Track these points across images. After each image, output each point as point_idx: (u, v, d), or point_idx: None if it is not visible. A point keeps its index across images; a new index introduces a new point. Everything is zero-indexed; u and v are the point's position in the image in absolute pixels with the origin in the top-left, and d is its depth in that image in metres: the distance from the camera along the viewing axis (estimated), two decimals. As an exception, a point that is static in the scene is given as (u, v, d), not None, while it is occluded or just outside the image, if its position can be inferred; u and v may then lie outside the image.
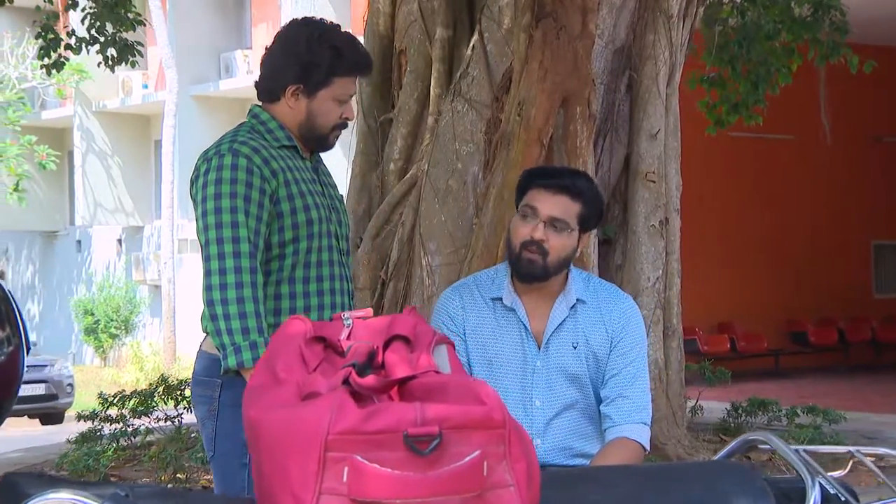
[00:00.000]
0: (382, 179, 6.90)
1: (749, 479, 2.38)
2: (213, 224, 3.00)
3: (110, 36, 9.73)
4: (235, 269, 2.99)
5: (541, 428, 3.29)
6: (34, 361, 16.58)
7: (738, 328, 15.63)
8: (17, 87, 21.51)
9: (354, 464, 1.73)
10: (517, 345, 3.29)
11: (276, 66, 3.18)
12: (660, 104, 6.49)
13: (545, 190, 3.20)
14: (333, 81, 3.15)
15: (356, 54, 3.20)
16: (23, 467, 7.22)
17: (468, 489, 1.76)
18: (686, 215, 14.13)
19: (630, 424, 3.26)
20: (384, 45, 7.12)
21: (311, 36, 3.14)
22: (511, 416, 1.83)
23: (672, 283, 6.44)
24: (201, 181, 3.06)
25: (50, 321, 23.72)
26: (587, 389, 3.32)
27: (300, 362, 1.98)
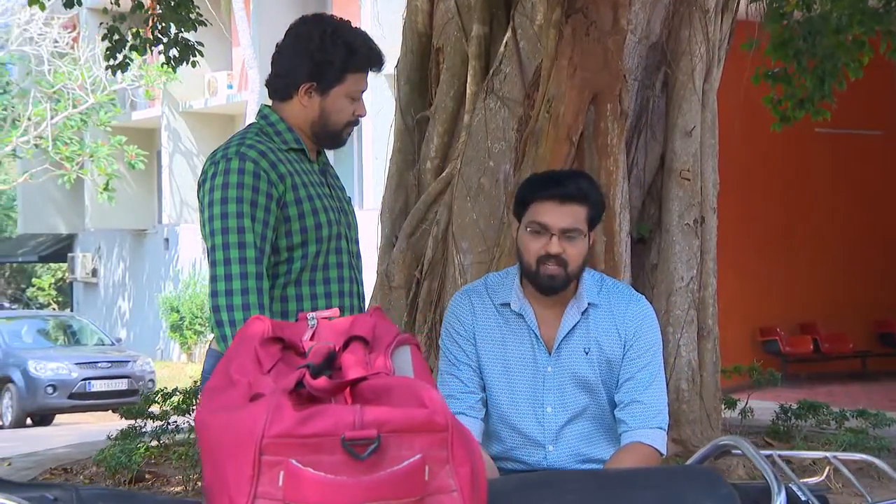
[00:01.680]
0: (419, 178, 6.89)
1: (714, 484, 2.33)
2: (220, 229, 2.99)
3: (172, 37, 9.88)
4: (241, 275, 2.99)
5: (553, 435, 3.24)
6: (117, 357, 16.98)
7: (821, 329, 15.23)
8: (108, 88, 21.98)
9: (290, 468, 1.70)
10: (527, 351, 3.24)
11: (289, 64, 3.16)
12: (696, 101, 6.36)
13: (551, 202, 3.13)
14: (346, 78, 3.14)
15: (369, 50, 3.19)
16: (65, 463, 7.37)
17: (408, 494, 1.73)
18: (767, 213, 14.01)
19: (645, 429, 3.21)
20: (422, 42, 7.10)
21: (323, 33, 3.12)
22: (456, 420, 1.79)
23: (707, 282, 6.30)
24: (208, 185, 3.05)
25: (139, 318, 24.20)
26: (600, 395, 3.26)
27: (255, 363, 1.97)
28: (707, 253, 6.32)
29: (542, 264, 3.14)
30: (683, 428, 6.03)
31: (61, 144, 21.83)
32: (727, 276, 13.88)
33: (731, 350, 13.32)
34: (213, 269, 3.02)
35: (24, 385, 15.99)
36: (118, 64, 10.00)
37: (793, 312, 14.93)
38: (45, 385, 15.97)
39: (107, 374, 16.10)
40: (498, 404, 3.27)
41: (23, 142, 22.00)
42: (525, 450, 3.27)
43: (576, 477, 2.70)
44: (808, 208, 14.89)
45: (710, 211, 6.36)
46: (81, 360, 16.54)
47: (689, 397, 6.09)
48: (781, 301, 14.70)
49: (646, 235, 6.38)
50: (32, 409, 16.18)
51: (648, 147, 6.42)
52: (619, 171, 6.00)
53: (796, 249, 14.68)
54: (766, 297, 14.50)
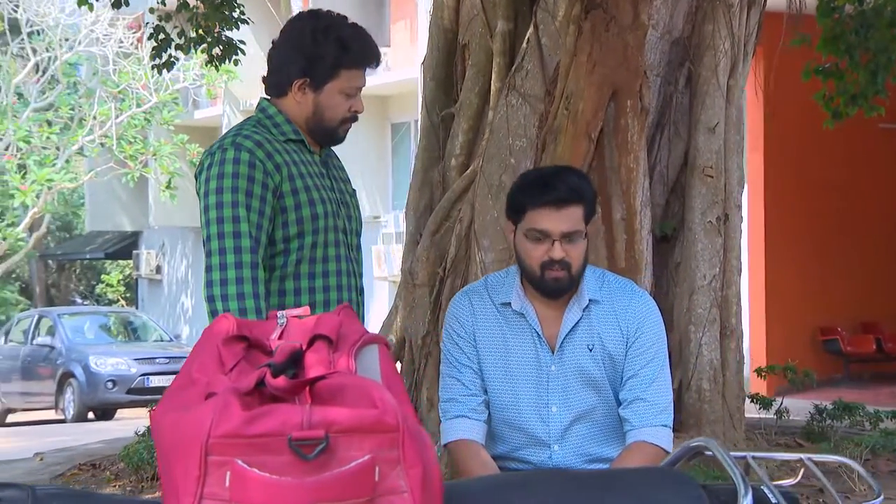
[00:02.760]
0: (444, 175, 6.88)
1: (684, 486, 2.30)
2: (215, 219, 3.01)
3: (216, 35, 9.97)
4: (235, 264, 2.99)
5: (558, 434, 3.23)
6: (176, 353, 17.21)
7: (884, 328, 14.95)
8: (171, 88, 22.27)
9: (236, 468, 1.69)
10: (530, 350, 3.22)
11: (283, 59, 3.17)
12: (719, 97, 6.27)
13: (548, 207, 3.09)
14: (340, 74, 3.13)
15: (363, 46, 3.18)
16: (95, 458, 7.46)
17: (357, 495, 1.71)
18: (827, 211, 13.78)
19: (649, 427, 3.18)
20: (448, 39, 7.08)
21: (315, 28, 3.13)
22: (408, 421, 1.76)
23: (731, 281, 6.21)
24: (204, 175, 3.07)
25: (202, 314, 24.28)
26: (606, 392, 3.24)
27: (216, 362, 1.94)
28: (731, 251, 6.23)
29: (546, 269, 3.11)
30: (704, 428, 5.96)
31: (125, 143, 22.15)
32: (785, 276, 13.74)
33: (788, 350, 13.15)
34: (209, 259, 3.03)
35: (85, 380, 16.30)
36: (163, 63, 10.11)
37: (854, 311, 14.68)
38: (105, 380, 16.27)
39: (165, 370, 16.34)
40: (501, 405, 3.25)
41: (88, 141, 22.36)
42: (530, 449, 3.25)
43: (548, 478, 2.68)
44: (870, 205, 14.62)
45: (734, 208, 6.27)
46: (140, 355, 16.82)
47: (710, 397, 6.00)
48: (842, 300, 14.45)
49: (669, 233, 6.30)
50: (93, 404, 16.48)
51: (672, 144, 6.35)
52: (639, 168, 5.93)
53: (857, 247, 14.44)
54: (827, 296, 14.28)
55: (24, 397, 17.66)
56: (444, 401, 3.31)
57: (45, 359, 17.31)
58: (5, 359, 18.11)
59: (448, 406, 3.28)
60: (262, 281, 3.04)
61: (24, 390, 17.61)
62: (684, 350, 6.05)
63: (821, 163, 13.91)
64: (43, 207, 22.74)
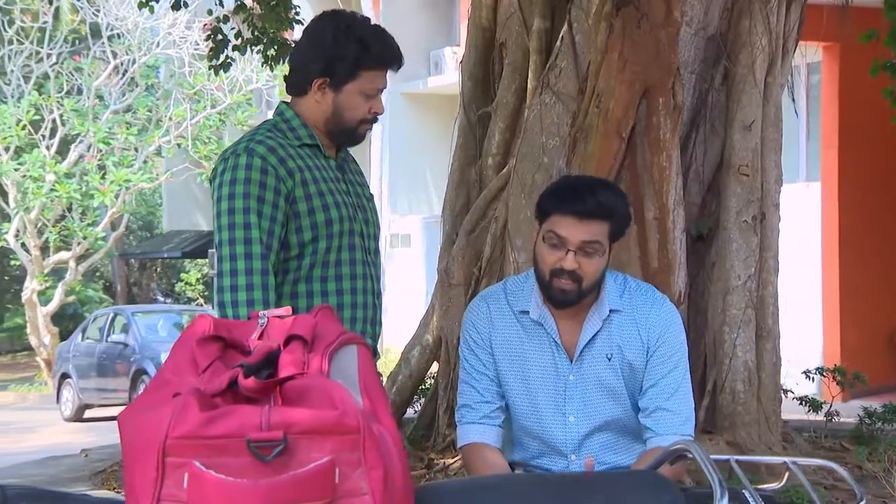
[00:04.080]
0: (481, 174, 6.87)
1: (660, 488, 2.29)
2: (226, 225, 3.02)
3: (271, 36, 10.06)
4: (246, 270, 3.00)
5: (575, 444, 3.20)
6: (247, 351, 17.40)
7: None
8: (245, 88, 22.53)
9: (194, 470, 1.69)
10: (548, 359, 3.19)
11: (303, 59, 3.18)
12: (756, 94, 6.16)
13: (571, 216, 3.03)
14: (360, 75, 3.13)
15: (383, 47, 3.17)
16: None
17: (316, 497, 1.70)
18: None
19: (672, 436, 3.14)
20: (486, 37, 7.07)
21: (337, 28, 3.13)
22: (371, 423, 1.77)
23: (768, 281, 6.09)
24: (217, 181, 3.08)
25: (275, 312, 24.63)
26: (624, 402, 3.20)
27: (190, 363, 1.96)
28: (768, 251, 6.12)
29: (555, 277, 3.05)
30: (739, 430, 5.86)
31: (200, 143, 22.49)
32: (860, 275, 13.44)
33: (862, 351, 12.90)
34: (220, 265, 3.03)
35: (157, 377, 16.54)
36: (220, 64, 10.23)
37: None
38: (175, 377, 16.49)
39: (233, 367, 16.51)
40: (519, 412, 3.23)
41: (165, 141, 22.73)
42: (547, 458, 3.23)
43: (524, 480, 2.67)
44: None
45: (771, 207, 6.16)
46: (210, 353, 17.01)
47: (745, 399, 5.91)
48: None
49: (704, 233, 6.21)
50: (165, 401, 16.72)
51: (708, 142, 6.25)
52: (672, 167, 5.85)
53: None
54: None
55: (99, 393, 18.00)
56: (459, 406, 3.30)
57: (119, 356, 17.64)
58: (82, 356, 18.49)
59: (463, 412, 3.27)
60: (272, 288, 3.04)
61: (100, 386, 17.96)
62: (718, 351, 5.96)
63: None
64: (121, 207, 23.15)
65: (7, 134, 22.21)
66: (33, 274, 22.94)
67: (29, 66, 23.34)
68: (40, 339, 23.11)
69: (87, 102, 22.83)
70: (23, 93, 23.02)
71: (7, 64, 23.27)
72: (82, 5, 23.43)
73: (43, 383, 23.01)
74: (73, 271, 23.65)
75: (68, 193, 21.82)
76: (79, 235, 22.83)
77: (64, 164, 22.44)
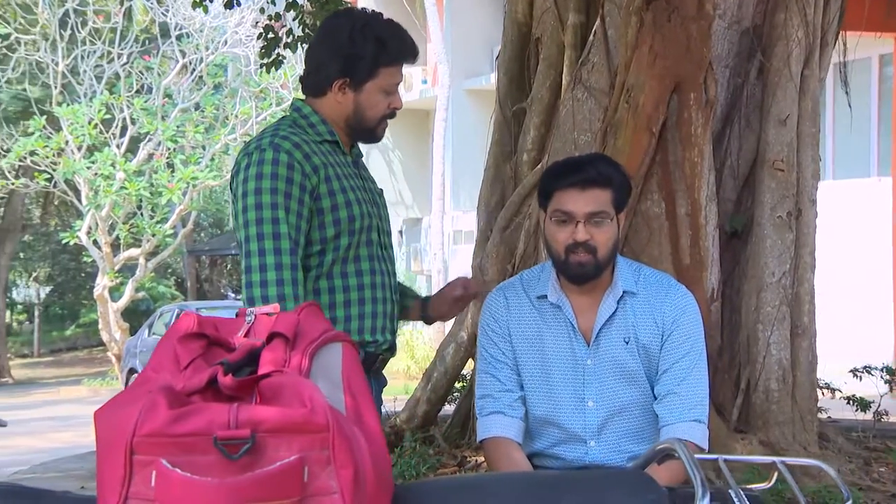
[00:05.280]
0: (515, 170, 6.83)
1: (643, 487, 2.28)
2: (254, 220, 3.01)
3: (320, 33, 10.07)
4: (276, 265, 3.00)
5: (594, 430, 3.22)
6: (308, 347, 17.52)
7: None
8: (306, 86, 22.65)
9: (161, 468, 1.69)
10: (565, 344, 3.22)
11: (321, 60, 3.18)
12: (791, 88, 6.03)
13: (573, 189, 3.10)
14: (379, 73, 3.15)
15: (400, 43, 3.19)
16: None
17: (283, 496, 1.69)
18: None
19: (682, 423, 3.15)
20: (522, 33, 7.03)
21: (353, 27, 3.13)
22: (340, 421, 1.76)
23: (804, 278, 5.97)
24: (242, 176, 3.07)
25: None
26: (644, 386, 3.22)
27: (172, 360, 1.96)
28: (804, 247, 6.00)
29: (570, 253, 3.10)
30: (772, 429, 5.76)
31: (265, 141, 22.63)
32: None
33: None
34: (248, 260, 3.02)
35: (220, 372, 16.73)
36: (272, 62, 10.29)
37: None
38: (235, 371, 16.66)
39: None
40: (537, 400, 3.24)
41: (231, 139, 22.96)
42: (566, 446, 3.24)
43: (505, 480, 2.66)
44: None
45: (807, 203, 6.03)
46: (270, 347, 17.16)
47: (779, 398, 5.80)
48: None
49: (739, 229, 6.11)
50: (226, 393, 16.91)
51: (743, 137, 6.14)
52: (703, 163, 5.77)
53: None
54: None
55: (165, 388, 18.23)
56: (479, 397, 3.31)
57: (184, 351, 17.84)
58: (148, 351, 18.74)
59: (484, 402, 3.28)
60: (301, 282, 3.04)
61: (166, 381, 18.18)
62: (752, 349, 5.86)
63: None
64: (189, 205, 23.43)
65: (79, 133, 22.59)
66: (104, 270, 23.31)
67: (101, 66, 23.73)
68: (111, 335, 23.48)
69: (156, 101, 23.14)
70: (95, 92, 23.40)
71: (80, 64, 23.67)
72: (152, 5, 23.76)
73: (115, 378, 23.39)
74: (143, 268, 24.00)
75: (137, 191, 22.14)
76: (148, 232, 23.16)
77: (133, 163, 22.77)
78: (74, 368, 30.57)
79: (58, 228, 30.64)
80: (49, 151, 22.51)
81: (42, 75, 23.74)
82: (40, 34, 23.47)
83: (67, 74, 23.61)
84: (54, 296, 37.57)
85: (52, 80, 23.32)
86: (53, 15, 23.21)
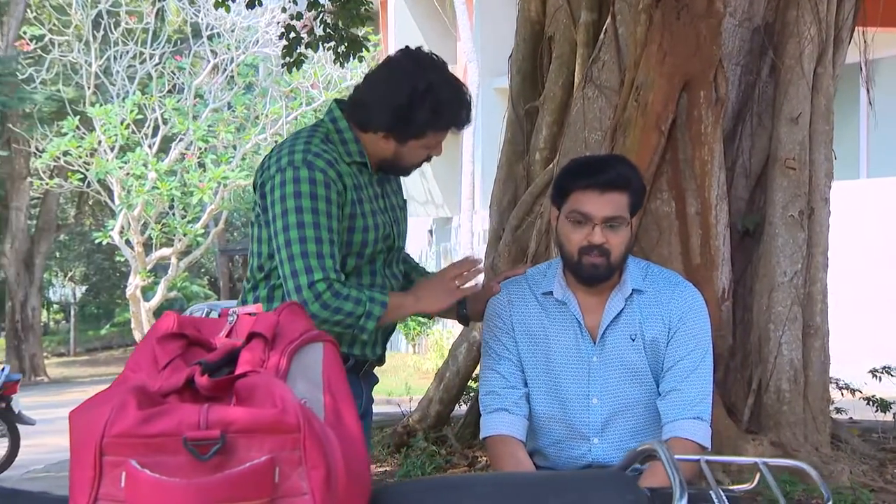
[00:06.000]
0: (528, 169, 6.80)
1: (624, 488, 2.28)
2: (295, 224, 3.00)
3: (341, 32, 10.10)
4: (318, 254, 3.00)
5: (598, 427, 3.21)
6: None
7: None
8: (339, 85, 22.74)
9: (130, 469, 1.69)
10: (571, 340, 3.21)
11: (373, 106, 3.12)
12: (804, 86, 5.96)
13: (591, 191, 3.08)
14: (426, 135, 3.14)
15: (456, 112, 3.14)
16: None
17: (253, 496, 1.69)
18: None
19: (682, 421, 3.14)
20: (535, 31, 6.99)
21: (415, 90, 3.06)
22: (313, 421, 1.76)
23: (816, 278, 5.89)
24: (278, 193, 3.04)
25: (371, 308, 24.81)
26: (649, 384, 3.21)
27: (150, 360, 1.97)
28: (816, 246, 5.93)
29: (584, 255, 3.10)
30: (784, 430, 5.69)
31: (295, 141, 22.71)
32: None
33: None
34: (291, 265, 2.99)
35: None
36: (293, 61, 10.30)
37: None
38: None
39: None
40: (541, 396, 3.23)
41: (262, 139, 23.05)
42: (570, 443, 3.24)
43: (484, 481, 2.65)
44: None
45: (820, 202, 5.96)
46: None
47: (790, 398, 5.73)
48: None
49: (752, 228, 6.05)
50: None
51: (755, 135, 6.08)
52: (714, 161, 5.72)
53: None
54: None
55: (193, 387, 18.35)
56: (483, 394, 3.30)
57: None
58: (179, 350, 18.84)
59: (488, 399, 3.27)
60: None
61: (194, 380, 18.30)
62: (763, 349, 5.79)
63: None
64: (220, 204, 23.54)
65: (112, 133, 22.75)
66: (136, 270, 23.48)
67: (133, 67, 23.90)
68: (143, 334, 23.60)
69: (187, 101, 23.27)
70: (127, 93, 23.57)
71: (113, 65, 23.85)
72: (183, 6, 23.90)
73: (147, 377, 23.47)
74: (175, 267, 24.15)
75: (169, 191, 22.27)
76: (179, 232, 23.29)
77: (165, 162, 22.91)
78: (109, 367, 30.83)
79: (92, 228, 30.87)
80: (82, 151, 22.68)
81: (76, 76, 23.94)
82: (74, 35, 23.67)
83: (100, 75, 23.79)
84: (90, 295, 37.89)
85: (86, 81, 23.49)
86: (87, 16, 23.38)
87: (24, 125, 25.70)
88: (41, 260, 28.74)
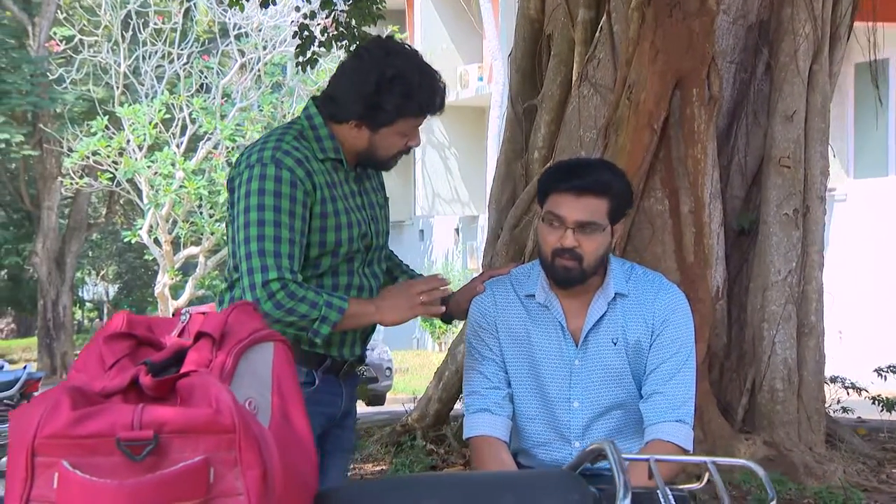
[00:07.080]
0: (527, 168, 6.79)
1: (570, 487, 2.29)
2: (255, 221, 2.98)
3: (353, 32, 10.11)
4: (275, 253, 2.97)
5: (579, 430, 3.20)
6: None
7: None
8: (365, 84, 22.73)
9: (62, 470, 1.68)
10: (553, 344, 3.20)
11: (344, 95, 3.10)
12: (798, 83, 5.92)
13: (568, 193, 3.06)
14: (398, 121, 3.10)
15: (426, 98, 3.09)
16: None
17: (187, 497, 1.68)
18: None
19: (664, 423, 3.12)
20: (534, 29, 6.98)
21: (382, 76, 3.04)
22: (250, 422, 1.76)
23: (811, 276, 5.86)
24: (244, 189, 3.02)
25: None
26: (630, 388, 3.20)
27: (97, 360, 1.96)
28: (812, 245, 5.89)
29: (557, 257, 3.07)
30: (777, 430, 5.66)
31: (322, 139, 22.75)
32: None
33: None
34: (249, 262, 2.97)
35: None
36: (307, 60, 10.32)
37: None
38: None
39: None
40: (523, 398, 3.23)
41: (288, 138, 23.07)
42: (551, 445, 3.22)
43: (437, 480, 2.66)
44: None
45: (815, 200, 5.92)
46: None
47: (784, 398, 5.70)
48: None
49: (747, 227, 6.02)
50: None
51: (751, 133, 6.05)
52: (707, 160, 5.70)
53: None
54: None
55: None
56: (467, 394, 3.29)
57: (238, 347, 18.00)
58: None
59: (471, 400, 3.26)
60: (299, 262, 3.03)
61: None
62: (757, 348, 5.77)
63: None
64: (246, 203, 23.54)
65: (140, 132, 22.88)
66: (165, 269, 23.60)
67: (161, 67, 24.02)
68: (172, 332, 23.67)
69: (215, 101, 23.37)
70: (156, 92, 23.69)
71: (141, 65, 23.99)
72: (211, 5, 24.01)
73: (176, 375, 23.58)
74: (203, 266, 24.24)
75: (197, 189, 22.35)
76: (207, 231, 23.38)
77: (192, 161, 23.01)
78: (141, 365, 30.91)
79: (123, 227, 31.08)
80: (111, 151, 22.82)
81: (105, 76, 24.10)
82: (104, 36, 23.83)
83: (129, 75, 23.92)
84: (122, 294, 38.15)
85: (115, 81, 23.65)
86: (116, 17, 23.54)
87: (56, 125, 25.88)
88: (72, 259, 28.95)
